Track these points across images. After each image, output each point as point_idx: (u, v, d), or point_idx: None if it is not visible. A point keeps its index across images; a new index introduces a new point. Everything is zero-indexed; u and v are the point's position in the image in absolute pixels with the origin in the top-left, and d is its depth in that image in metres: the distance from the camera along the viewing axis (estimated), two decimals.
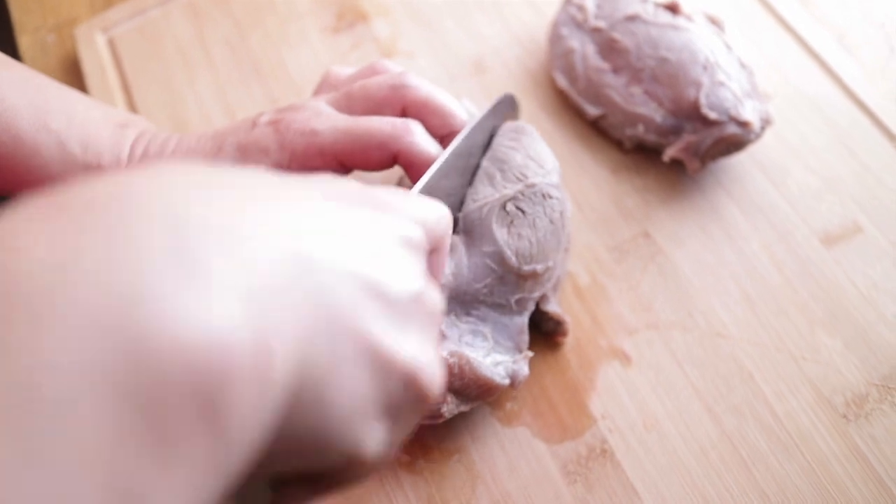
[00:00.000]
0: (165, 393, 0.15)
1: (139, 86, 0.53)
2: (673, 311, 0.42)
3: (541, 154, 0.40)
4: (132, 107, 0.52)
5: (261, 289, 0.18)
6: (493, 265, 0.37)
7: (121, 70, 0.54)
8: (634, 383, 0.40)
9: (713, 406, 0.39)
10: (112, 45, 0.55)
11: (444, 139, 0.39)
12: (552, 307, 0.40)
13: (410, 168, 0.38)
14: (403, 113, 0.39)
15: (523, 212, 0.38)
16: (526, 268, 0.38)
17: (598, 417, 0.39)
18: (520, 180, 0.38)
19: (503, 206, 0.38)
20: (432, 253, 0.27)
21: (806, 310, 0.41)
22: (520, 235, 0.37)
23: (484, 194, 0.38)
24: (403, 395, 0.23)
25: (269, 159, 0.38)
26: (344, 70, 0.43)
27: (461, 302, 0.38)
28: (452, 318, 0.37)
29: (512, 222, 0.38)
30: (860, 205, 0.44)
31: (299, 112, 0.38)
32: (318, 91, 0.43)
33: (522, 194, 0.38)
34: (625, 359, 0.40)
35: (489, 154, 0.40)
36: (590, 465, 0.38)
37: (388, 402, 0.22)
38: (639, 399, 0.39)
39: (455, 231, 0.39)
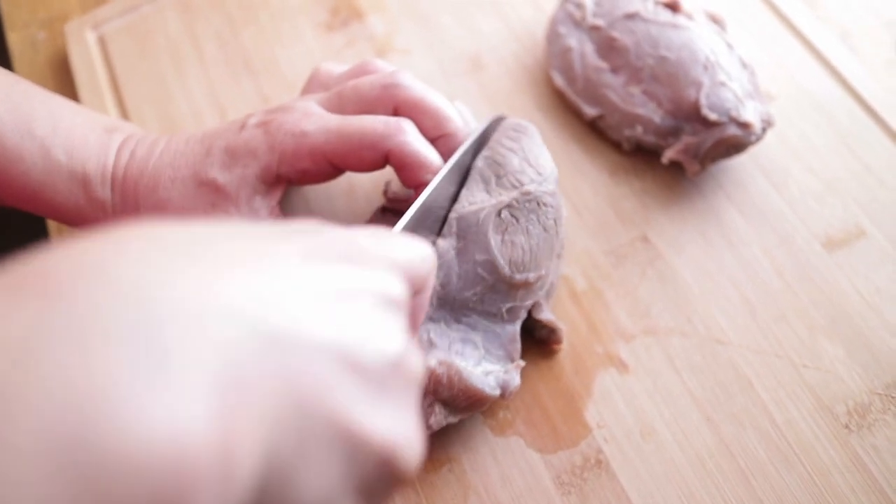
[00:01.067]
0: None
1: (129, 83, 0.52)
2: (671, 317, 0.41)
3: (539, 159, 0.39)
4: (122, 104, 0.51)
5: (228, 380, 0.17)
6: (484, 273, 0.36)
7: (111, 68, 0.53)
8: (631, 391, 0.39)
9: (711, 414, 0.38)
10: (102, 42, 0.54)
11: (436, 141, 0.38)
12: (545, 315, 0.39)
13: (402, 169, 0.37)
14: (395, 113, 0.38)
15: (517, 219, 0.37)
16: (518, 276, 0.37)
17: (594, 426, 0.38)
18: (515, 187, 0.37)
19: (498, 214, 0.37)
20: (415, 294, 0.26)
21: (807, 316, 0.40)
22: (513, 243, 0.36)
23: (480, 199, 0.37)
24: (378, 475, 0.21)
25: (259, 162, 0.37)
26: (334, 68, 0.42)
27: (451, 308, 0.37)
28: (442, 325, 0.36)
29: (506, 230, 0.37)
30: (863, 207, 0.43)
31: (289, 113, 0.37)
32: (307, 89, 0.42)
33: (517, 202, 0.37)
34: (621, 366, 0.40)
35: (486, 152, 0.39)
36: (584, 476, 0.37)
37: (361, 484, 0.21)
38: (635, 407, 0.38)
39: (445, 233, 0.38)
